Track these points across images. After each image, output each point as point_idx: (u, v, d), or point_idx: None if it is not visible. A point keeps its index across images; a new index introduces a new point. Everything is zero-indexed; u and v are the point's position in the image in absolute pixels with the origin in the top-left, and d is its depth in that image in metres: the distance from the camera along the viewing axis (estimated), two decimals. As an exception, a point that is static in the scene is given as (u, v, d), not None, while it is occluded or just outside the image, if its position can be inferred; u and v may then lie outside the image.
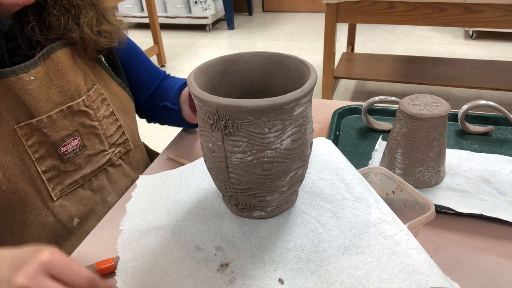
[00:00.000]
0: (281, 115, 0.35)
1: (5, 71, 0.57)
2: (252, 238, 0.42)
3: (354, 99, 2.60)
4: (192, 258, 0.40)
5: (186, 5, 4.05)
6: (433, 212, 0.51)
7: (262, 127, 0.35)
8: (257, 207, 0.43)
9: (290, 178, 0.40)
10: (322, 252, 0.39)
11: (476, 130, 0.81)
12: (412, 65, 2.43)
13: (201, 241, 0.42)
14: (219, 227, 0.44)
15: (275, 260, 0.39)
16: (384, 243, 0.39)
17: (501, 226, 0.59)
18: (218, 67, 0.44)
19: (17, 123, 0.59)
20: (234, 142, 0.37)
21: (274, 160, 0.37)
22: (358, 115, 0.91)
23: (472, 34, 3.36)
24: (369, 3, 1.92)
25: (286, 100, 0.34)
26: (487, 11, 1.78)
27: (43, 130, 0.62)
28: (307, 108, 0.38)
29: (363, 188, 0.45)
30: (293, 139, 0.37)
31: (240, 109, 0.34)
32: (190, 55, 3.54)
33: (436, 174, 0.66)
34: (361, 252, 0.38)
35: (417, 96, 0.66)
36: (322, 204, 0.45)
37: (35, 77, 0.60)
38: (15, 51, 0.60)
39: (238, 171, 0.39)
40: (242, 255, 0.40)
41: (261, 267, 0.38)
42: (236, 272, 0.38)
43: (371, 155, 0.76)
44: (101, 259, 0.56)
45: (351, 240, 0.40)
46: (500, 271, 0.52)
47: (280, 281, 0.37)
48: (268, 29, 4.10)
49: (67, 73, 0.64)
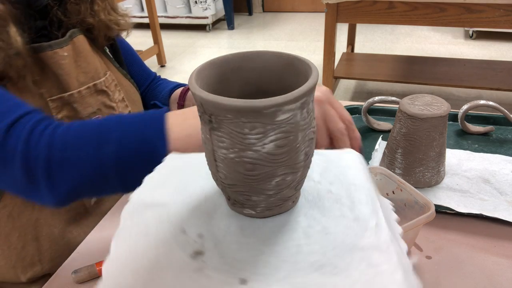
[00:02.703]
0: (261, 119, 0.34)
1: (43, 45, 0.60)
2: (234, 234, 0.42)
3: (354, 99, 2.60)
4: (174, 239, 0.41)
5: (186, 5, 4.05)
6: (433, 212, 0.51)
7: (242, 127, 0.35)
8: (246, 205, 0.43)
9: (276, 183, 0.39)
10: (295, 264, 0.38)
11: (476, 130, 0.81)
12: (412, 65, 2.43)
13: (188, 225, 0.43)
14: (210, 216, 0.44)
15: (246, 260, 0.39)
16: (364, 271, 0.37)
17: (501, 226, 0.59)
18: (234, 63, 0.43)
19: (49, 96, 0.62)
20: (218, 137, 0.37)
21: (256, 161, 0.37)
22: (358, 115, 0.91)
23: (472, 34, 3.36)
24: (369, 3, 1.92)
25: (264, 105, 0.33)
26: (487, 11, 1.78)
27: (73, 105, 0.64)
28: (298, 116, 0.36)
29: (368, 209, 0.43)
30: (277, 145, 0.36)
31: (218, 106, 0.34)
32: (190, 55, 3.54)
33: (436, 174, 0.66)
34: (336, 273, 0.37)
35: (417, 96, 0.66)
36: (317, 216, 0.43)
37: (67, 53, 0.63)
38: (41, 31, 0.62)
39: (224, 166, 0.39)
40: (218, 248, 0.41)
41: (230, 264, 0.39)
42: (206, 262, 0.39)
43: (371, 155, 0.76)
44: (101, 259, 0.56)
45: (330, 259, 0.38)
46: (500, 271, 0.52)
47: (242, 281, 0.37)
48: (268, 29, 4.10)
49: (88, 56, 0.67)
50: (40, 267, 0.66)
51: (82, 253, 0.59)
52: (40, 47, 0.60)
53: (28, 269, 0.66)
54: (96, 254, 0.58)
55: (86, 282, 0.54)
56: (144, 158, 0.49)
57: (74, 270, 0.54)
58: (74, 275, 0.54)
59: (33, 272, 0.66)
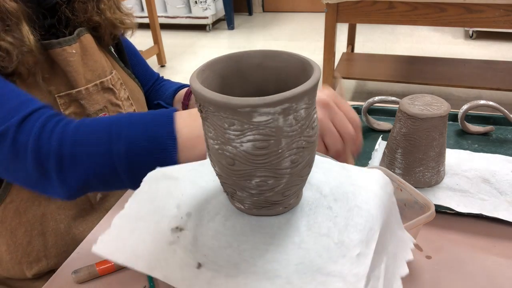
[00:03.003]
0: (238, 117, 0.34)
1: (52, 42, 0.61)
2: (216, 222, 0.43)
3: (354, 99, 2.60)
4: (167, 211, 0.44)
5: (186, 5, 4.05)
6: (433, 212, 0.51)
7: (222, 122, 0.35)
8: (234, 197, 0.43)
9: (256, 183, 0.38)
10: (252, 266, 0.38)
11: (476, 130, 0.81)
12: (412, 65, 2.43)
13: (184, 202, 0.46)
14: (207, 201, 0.46)
15: (213, 248, 0.40)
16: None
17: (501, 226, 0.59)
18: (254, 59, 0.43)
19: (57, 93, 0.63)
20: (207, 128, 0.38)
21: (235, 157, 0.37)
22: (358, 115, 0.90)
23: (472, 34, 3.36)
24: (369, 3, 1.92)
25: (239, 103, 0.33)
26: (487, 11, 1.78)
27: (81, 101, 0.65)
28: (280, 121, 0.35)
29: (359, 237, 0.40)
30: (256, 146, 0.35)
31: (201, 96, 0.35)
32: (190, 55, 3.54)
33: (436, 174, 0.66)
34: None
35: (417, 96, 0.66)
36: (303, 229, 0.41)
37: (76, 51, 0.64)
38: (49, 29, 0.63)
39: (213, 156, 0.40)
40: (196, 229, 0.42)
41: (197, 247, 0.40)
42: (180, 238, 0.41)
43: (371, 155, 0.76)
44: (101, 259, 0.56)
45: (288, 273, 0.37)
46: (500, 271, 0.52)
47: (199, 265, 0.38)
48: (268, 29, 4.10)
49: (94, 54, 0.68)
50: (45, 262, 0.67)
51: (83, 253, 0.59)
52: (50, 44, 0.61)
53: (33, 264, 0.66)
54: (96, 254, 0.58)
55: (86, 282, 0.55)
56: (154, 157, 0.50)
57: (74, 270, 0.54)
58: (74, 275, 0.54)
59: (39, 268, 0.66)
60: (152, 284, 0.53)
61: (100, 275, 0.55)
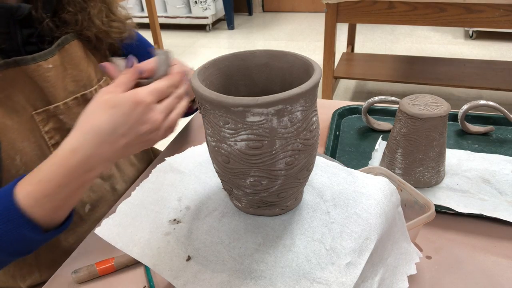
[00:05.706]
0: (231, 116, 0.34)
1: (26, 58, 0.58)
2: (213, 218, 0.44)
3: (354, 99, 2.60)
4: (169, 202, 0.46)
5: (186, 5, 4.05)
6: (433, 212, 0.51)
7: (218, 119, 0.36)
8: (232, 195, 0.43)
9: (250, 183, 0.38)
10: (239, 264, 0.38)
11: (476, 130, 0.81)
12: (412, 65, 2.43)
13: (186, 195, 0.47)
14: (206, 195, 0.47)
15: (205, 243, 0.41)
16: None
17: (501, 226, 0.59)
18: (259, 59, 0.43)
19: (34, 110, 0.61)
20: (206, 124, 0.39)
21: (230, 155, 0.37)
22: (358, 115, 0.91)
23: (472, 34, 3.36)
24: (369, 3, 1.91)
25: (231, 102, 0.33)
26: (487, 11, 1.78)
27: (59, 116, 0.63)
28: (274, 122, 0.34)
29: (351, 246, 0.39)
30: (250, 146, 0.35)
31: (198, 94, 0.36)
32: (190, 55, 3.54)
33: (436, 174, 0.66)
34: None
35: (417, 96, 0.66)
36: (296, 232, 0.41)
37: (53, 65, 0.61)
38: (28, 40, 0.60)
39: (211, 152, 0.40)
40: (192, 223, 0.43)
41: (191, 239, 0.41)
42: (175, 230, 0.42)
43: (371, 155, 0.76)
44: (101, 259, 0.56)
45: (272, 275, 0.37)
46: (500, 271, 0.52)
47: (188, 258, 0.39)
48: (268, 29, 4.10)
49: (80, 63, 0.65)
50: (38, 274, 0.66)
51: (82, 253, 0.59)
52: (23, 60, 0.57)
53: (26, 277, 0.66)
54: (96, 254, 0.58)
55: (86, 282, 0.55)
56: (20, 242, 0.48)
57: (74, 270, 0.54)
58: (74, 275, 0.54)
59: (32, 280, 0.66)
60: (152, 284, 0.53)
61: (100, 275, 0.55)
